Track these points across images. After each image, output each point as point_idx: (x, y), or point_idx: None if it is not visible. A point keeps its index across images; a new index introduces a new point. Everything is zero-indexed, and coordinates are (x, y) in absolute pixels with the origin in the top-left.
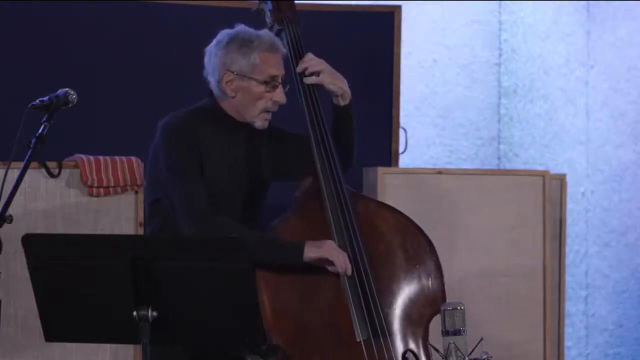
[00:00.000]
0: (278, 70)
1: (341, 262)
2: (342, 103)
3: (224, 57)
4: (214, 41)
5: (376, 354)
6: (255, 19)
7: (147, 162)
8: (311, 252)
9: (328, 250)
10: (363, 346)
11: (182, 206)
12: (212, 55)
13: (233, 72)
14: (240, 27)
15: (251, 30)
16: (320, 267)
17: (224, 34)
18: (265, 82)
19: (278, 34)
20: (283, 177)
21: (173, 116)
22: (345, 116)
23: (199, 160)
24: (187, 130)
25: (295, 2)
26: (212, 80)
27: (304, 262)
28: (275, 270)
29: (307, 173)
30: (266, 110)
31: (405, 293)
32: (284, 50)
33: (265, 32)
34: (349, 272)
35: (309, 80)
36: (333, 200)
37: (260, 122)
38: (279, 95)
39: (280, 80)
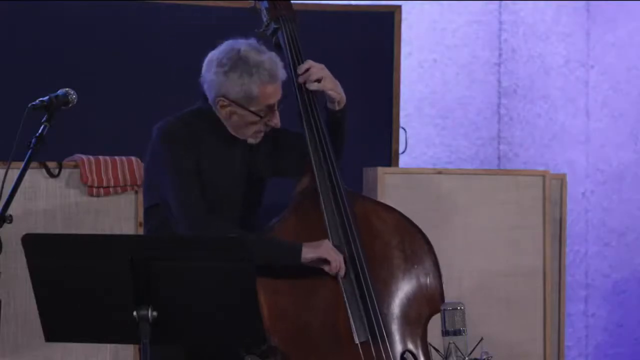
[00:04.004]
0: (275, 99)
1: (337, 262)
2: (337, 108)
3: (223, 83)
4: (215, 57)
5: (374, 355)
6: (249, 17)
7: (144, 166)
8: (309, 252)
9: (325, 250)
10: (361, 348)
11: (179, 209)
12: (211, 73)
13: (229, 99)
14: (243, 49)
15: (253, 54)
16: (318, 268)
17: (225, 56)
18: (262, 114)
19: (274, 33)
20: (278, 175)
21: (168, 120)
22: (339, 120)
23: (196, 162)
24: (183, 133)
25: (296, 2)
26: (208, 95)
27: (301, 263)
28: (273, 272)
29: (305, 171)
30: (260, 131)
31: (403, 293)
32: (284, 74)
33: (266, 59)
34: (342, 273)
35: (312, 86)
36: (330, 201)
37: (253, 140)
38: (274, 121)
39: (276, 106)
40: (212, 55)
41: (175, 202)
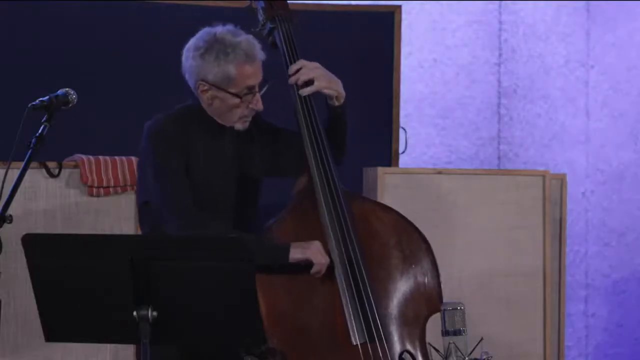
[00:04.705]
0: (255, 80)
1: (319, 267)
2: (336, 104)
3: (200, 67)
4: (192, 43)
5: (372, 356)
6: (248, 18)
7: (137, 163)
8: (297, 253)
9: (313, 252)
10: (359, 349)
11: (166, 210)
12: (189, 58)
13: (208, 83)
14: (219, 32)
15: (229, 36)
16: None
17: (200, 39)
18: (241, 94)
19: (270, 33)
20: (277, 174)
21: (158, 117)
22: (340, 116)
23: (185, 163)
24: (172, 133)
25: (296, 2)
26: (190, 85)
27: (290, 262)
28: (272, 273)
29: (303, 171)
30: (244, 115)
31: (401, 293)
32: (262, 55)
33: (243, 39)
34: (318, 275)
35: (305, 92)
36: (327, 201)
37: (240, 125)
38: (256, 103)
39: (257, 89)
40: (189, 43)
41: (162, 204)
